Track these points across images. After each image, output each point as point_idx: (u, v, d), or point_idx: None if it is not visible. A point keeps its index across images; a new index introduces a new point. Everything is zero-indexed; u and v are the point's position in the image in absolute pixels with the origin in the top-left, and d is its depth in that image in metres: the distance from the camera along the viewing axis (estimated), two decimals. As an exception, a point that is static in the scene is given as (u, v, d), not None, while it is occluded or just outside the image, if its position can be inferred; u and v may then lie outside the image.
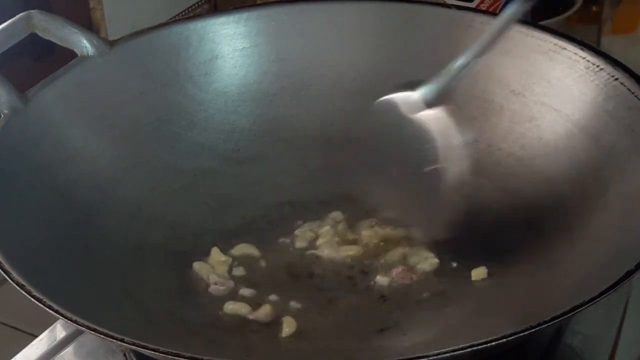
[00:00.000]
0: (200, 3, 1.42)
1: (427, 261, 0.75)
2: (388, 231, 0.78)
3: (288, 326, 0.70)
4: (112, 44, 0.84)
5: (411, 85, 0.72)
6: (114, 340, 0.61)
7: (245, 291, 0.74)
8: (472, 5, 1.03)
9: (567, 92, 0.79)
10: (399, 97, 0.72)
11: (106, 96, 0.83)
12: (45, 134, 0.78)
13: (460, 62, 0.71)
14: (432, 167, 0.70)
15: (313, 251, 0.77)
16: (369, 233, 0.78)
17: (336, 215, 0.79)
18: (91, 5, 1.32)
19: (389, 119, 0.72)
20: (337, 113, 0.86)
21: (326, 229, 0.78)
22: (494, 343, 0.59)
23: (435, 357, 0.58)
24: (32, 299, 0.63)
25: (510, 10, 0.69)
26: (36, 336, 0.77)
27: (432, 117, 0.71)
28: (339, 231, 0.78)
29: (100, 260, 0.74)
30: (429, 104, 0.71)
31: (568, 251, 0.72)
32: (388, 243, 0.77)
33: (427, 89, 0.72)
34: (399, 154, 0.73)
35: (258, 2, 1.11)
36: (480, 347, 0.58)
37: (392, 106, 0.72)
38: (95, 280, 0.72)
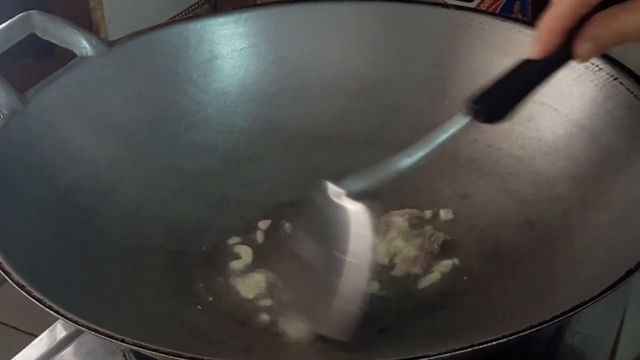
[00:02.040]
0: (200, 3, 1.42)
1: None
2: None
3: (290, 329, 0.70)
4: (111, 44, 0.84)
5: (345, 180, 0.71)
6: (114, 340, 0.61)
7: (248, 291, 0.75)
8: (472, 5, 1.03)
9: (566, 91, 0.79)
10: (332, 186, 0.70)
11: (105, 96, 0.83)
12: (45, 135, 0.78)
13: (399, 164, 0.69)
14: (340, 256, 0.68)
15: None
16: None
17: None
18: (91, 5, 1.32)
19: (319, 199, 0.71)
20: (337, 113, 0.86)
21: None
22: (494, 343, 0.59)
23: (435, 357, 0.58)
24: (33, 299, 0.63)
25: (460, 123, 0.68)
26: (36, 336, 0.77)
27: (353, 210, 0.69)
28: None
29: (100, 261, 0.74)
30: (354, 196, 0.69)
31: (568, 251, 0.72)
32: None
33: (355, 183, 0.70)
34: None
35: (258, 2, 1.11)
36: (480, 347, 0.58)
37: (324, 190, 0.71)
38: (95, 280, 0.72)
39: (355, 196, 0.69)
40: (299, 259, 0.71)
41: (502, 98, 0.67)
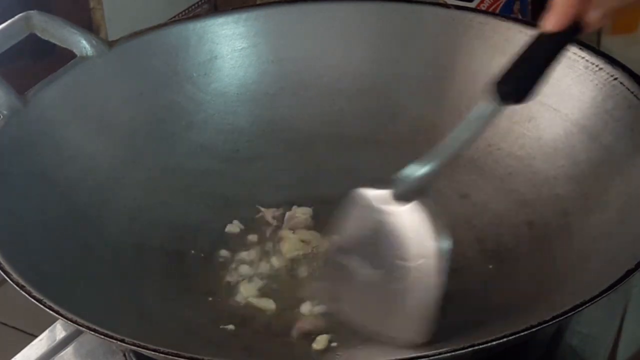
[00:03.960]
0: (200, 3, 1.42)
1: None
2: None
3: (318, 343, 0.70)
4: (111, 44, 0.84)
5: (385, 182, 0.69)
6: (114, 341, 0.61)
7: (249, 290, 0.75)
8: (472, 5, 1.03)
9: (566, 91, 0.79)
10: (372, 192, 0.70)
11: (105, 97, 0.83)
12: (45, 135, 0.78)
13: (438, 159, 0.68)
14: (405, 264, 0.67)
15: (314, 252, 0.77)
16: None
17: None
18: (91, 5, 1.32)
19: (363, 211, 0.70)
20: (337, 113, 0.86)
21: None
22: (494, 343, 0.59)
23: (435, 357, 0.58)
24: (32, 300, 0.63)
25: (488, 111, 0.67)
26: (36, 336, 0.77)
27: (405, 213, 0.68)
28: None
29: (100, 260, 0.74)
30: (402, 199, 0.68)
31: (568, 251, 0.72)
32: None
33: (400, 185, 0.69)
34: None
35: (258, 2, 1.11)
36: (480, 347, 0.58)
37: (366, 199, 0.70)
38: (95, 280, 0.72)
39: (402, 197, 0.68)
40: (353, 274, 0.70)
41: (525, 76, 0.66)
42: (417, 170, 0.68)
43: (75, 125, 0.80)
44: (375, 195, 0.69)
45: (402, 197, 0.68)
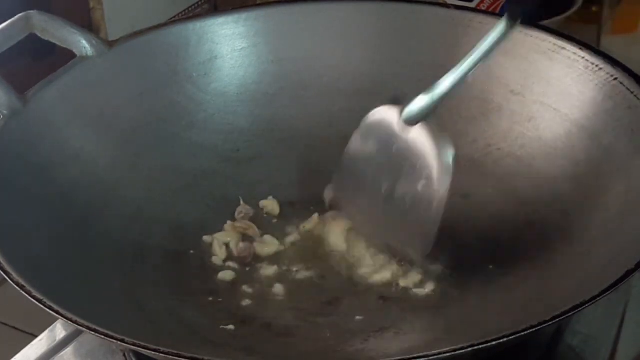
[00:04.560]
0: (200, 3, 1.42)
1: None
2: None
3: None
4: (111, 44, 0.84)
5: (398, 100, 0.72)
6: (114, 340, 0.61)
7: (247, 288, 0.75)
8: (472, 5, 1.03)
9: (566, 91, 0.79)
10: (388, 111, 0.73)
11: (105, 97, 0.83)
12: (45, 135, 0.78)
13: (449, 79, 0.71)
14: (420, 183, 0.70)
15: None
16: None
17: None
18: (91, 5, 1.32)
19: (381, 133, 0.73)
20: (337, 113, 0.86)
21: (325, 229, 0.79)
22: (494, 343, 0.59)
23: (435, 357, 0.58)
24: (32, 300, 0.63)
25: (500, 27, 0.69)
26: (36, 336, 0.77)
27: (417, 134, 0.71)
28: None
29: (100, 260, 0.74)
30: (412, 120, 0.72)
31: (568, 251, 0.72)
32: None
33: (412, 106, 0.72)
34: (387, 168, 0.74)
35: (258, 2, 1.11)
36: (480, 347, 0.58)
37: (383, 120, 0.73)
38: (95, 280, 0.72)
39: (413, 121, 0.71)
40: (364, 186, 0.74)
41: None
42: (428, 94, 0.71)
43: (75, 125, 0.80)
44: (388, 114, 0.72)
45: (413, 118, 0.71)
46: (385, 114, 0.73)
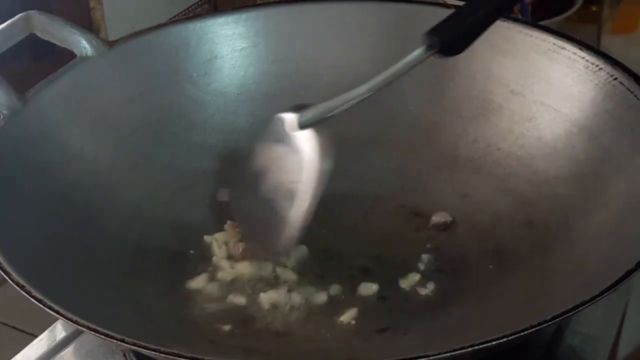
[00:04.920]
0: (200, 3, 1.42)
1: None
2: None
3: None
4: (111, 44, 0.84)
5: (298, 108, 0.73)
6: (114, 340, 0.61)
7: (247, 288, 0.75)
8: (472, 5, 1.03)
9: (566, 91, 0.79)
10: (287, 116, 0.73)
11: (105, 97, 0.83)
12: (45, 135, 0.78)
13: (353, 94, 0.71)
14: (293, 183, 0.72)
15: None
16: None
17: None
18: (91, 5, 1.32)
19: (276, 134, 0.74)
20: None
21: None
22: (494, 343, 0.59)
23: (435, 357, 0.58)
24: (33, 300, 0.63)
25: (416, 53, 0.69)
26: (36, 336, 0.77)
27: (304, 138, 0.72)
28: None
29: (100, 260, 0.74)
30: (303, 126, 0.72)
31: (568, 251, 0.72)
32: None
33: (307, 113, 0.72)
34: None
35: (258, 2, 1.11)
36: (480, 347, 0.58)
37: (280, 123, 0.74)
38: (95, 280, 0.72)
39: (307, 125, 0.72)
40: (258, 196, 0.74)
41: (459, 30, 0.67)
42: (324, 104, 0.72)
43: (75, 125, 0.80)
44: (288, 119, 0.73)
45: (303, 124, 0.72)
46: (284, 119, 0.74)
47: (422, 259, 0.76)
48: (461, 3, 0.72)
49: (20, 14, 0.80)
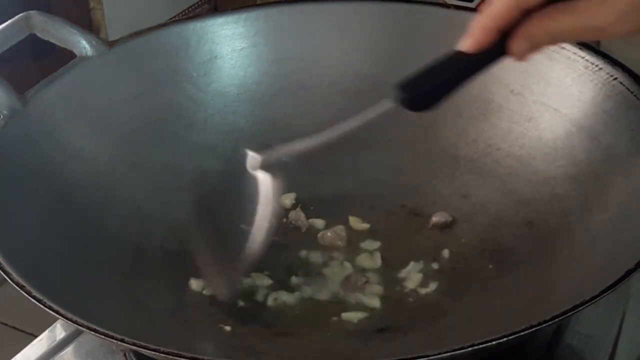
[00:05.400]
0: (200, 3, 1.42)
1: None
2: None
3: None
4: (111, 44, 0.84)
5: (264, 147, 0.73)
6: (114, 340, 0.61)
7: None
8: (472, 5, 1.03)
9: (566, 91, 0.79)
10: (251, 155, 0.73)
11: (105, 97, 0.83)
12: (45, 135, 0.78)
13: (315, 140, 0.71)
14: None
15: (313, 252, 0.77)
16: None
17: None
18: (91, 5, 1.32)
19: (241, 170, 0.73)
20: (337, 113, 0.86)
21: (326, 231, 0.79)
22: (494, 343, 0.59)
23: (435, 357, 0.58)
24: (33, 300, 0.63)
25: (384, 105, 0.68)
26: (36, 336, 0.77)
27: (262, 179, 0.72)
28: (338, 232, 0.78)
29: (100, 260, 0.74)
30: (266, 167, 0.72)
31: (568, 251, 0.72)
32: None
33: (270, 154, 0.72)
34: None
35: (258, 2, 1.11)
36: (480, 347, 0.58)
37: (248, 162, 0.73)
38: (95, 280, 0.72)
39: (267, 167, 0.71)
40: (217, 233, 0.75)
41: (428, 87, 0.66)
42: (285, 147, 0.72)
43: (75, 125, 0.80)
44: (253, 158, 0.72)
45: (267, 164, 0.72)
46: (250, 159, 0.73)
47: (422, 259, 0.76)
48: (461, 3, 0.72)
49: (20, 14, 0.80)
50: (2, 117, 0.77)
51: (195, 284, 0.75)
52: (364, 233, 0.79)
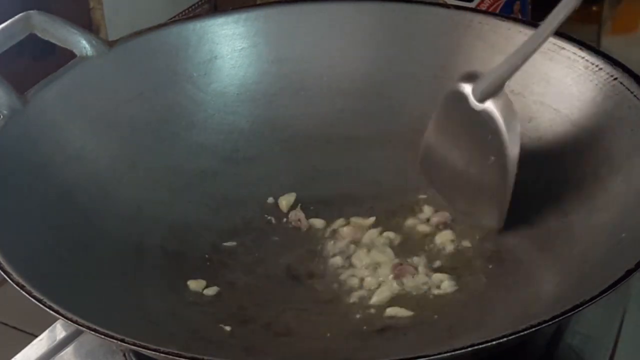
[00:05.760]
0: (200, 3, 1.42)
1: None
2: (389, 234, 0.78)
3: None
4: (111, 44, 0.84)
5: (470, 78, 0.74)
6: (114, 340, 0.61)
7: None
8: (472, 5, 1.03)
9: (566, 91, 0.79)
10: (465, 88, 0.74)
11: (105, 97, 0.83)
12: (45, 135, 0.78)
13: (516, 58, 0.72)
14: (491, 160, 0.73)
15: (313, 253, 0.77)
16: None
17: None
18: (91, 5, 1.32)
19: (461, 109, 0.75)
20: (337, 113, 0.86)
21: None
22: (494, 343, 0.59)
23: (435, 357, 0.58)
24: (33, 300, 0.63)
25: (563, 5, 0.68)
26: (36, 336, 0.77)
27: (488, 110, 0.73)
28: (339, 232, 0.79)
29: (100, 260, 0.74)
30: (483, 97, 0.73)
31: (568, 251, 0.72)
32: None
33: (481, 84, 0.73)
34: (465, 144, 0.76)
35: (258, 2, 1.11)
36: (480, 347, 0.58)
37: (462, 97, 0.74)
38: (95, 280, 0.72)
39: (484, 97, 0.73)
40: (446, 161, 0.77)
41: None
42: (495, 72, 0.73)
43: (75, 125, 0.81)
44: (463, 92, 0.74)
45: (483, 95, 0.73)
46: (461, 92, 0.74)
47: (422, 258, 0.76)
48: (461, 3, 0.72)
49: (20, 14, 0.80)
50: (2, 117, 0.77)
51: (194, 284, 0.75)
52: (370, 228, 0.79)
